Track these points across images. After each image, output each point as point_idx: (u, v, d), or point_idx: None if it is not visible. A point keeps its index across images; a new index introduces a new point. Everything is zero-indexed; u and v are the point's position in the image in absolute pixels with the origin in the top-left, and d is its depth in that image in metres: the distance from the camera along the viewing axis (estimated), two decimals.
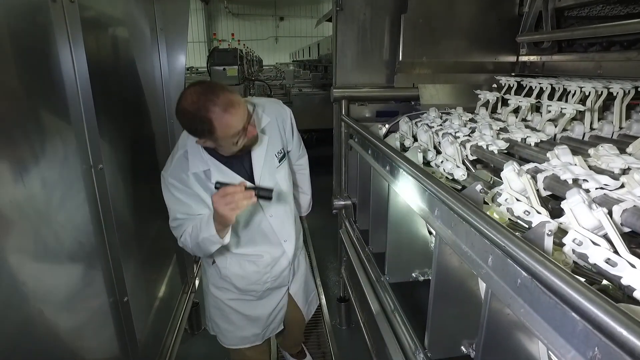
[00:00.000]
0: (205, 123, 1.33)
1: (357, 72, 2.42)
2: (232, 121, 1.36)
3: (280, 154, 1.76)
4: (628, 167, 1.14)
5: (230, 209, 1.35)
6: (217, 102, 1.32)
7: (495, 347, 0.90)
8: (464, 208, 0.90)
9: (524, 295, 0.72)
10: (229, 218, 1.38)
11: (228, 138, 1.40)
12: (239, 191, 1.35)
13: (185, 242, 1.57)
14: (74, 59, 1.14)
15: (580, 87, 1.78)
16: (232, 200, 1.34)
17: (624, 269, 0.79)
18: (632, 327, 0.50)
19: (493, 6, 2.39)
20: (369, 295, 1.78)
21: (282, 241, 1.82)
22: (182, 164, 1.54)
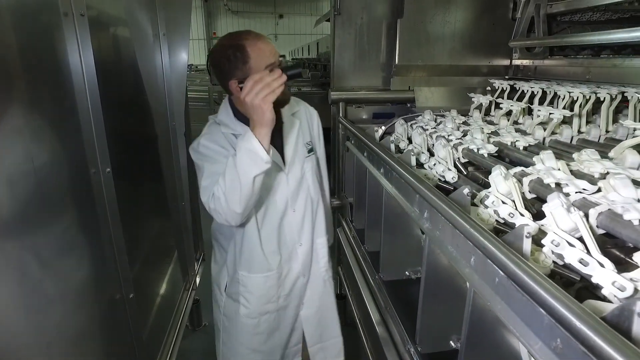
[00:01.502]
0: (238, 51, 1.35)
1: (354, 75, 2.48)
2: (265, 47, 1.39)
3: (309, 145, 1.73)
4: (607, 172, 1.21)
5: (263, 96, 1.27)
6: (250, 33, 1.41)
7: (479, 342, 0.97)
8: (450, 211, 0.96)
9: (501, 293, 0.78)
10: (266, 110, 1.28)
11: (263, 61, 1.38)
12: (267, 75, 1.29)
13: (217, 195, 1.40)
14: (83, 68, 1.20)
15: (569, 92, 1.85)
16: (264, 86, 1.27)
17: (594, 268, 0.85)
18: (585, 320, 0.57)
19: (487, 11, 2.45)
20: (364, 293, 1.85)
21: (298, 245, 1.71)
22: (214, 129, 1.55)
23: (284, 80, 1.31)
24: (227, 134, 1.52)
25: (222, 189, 1.39)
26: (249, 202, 1.42)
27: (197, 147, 1.52)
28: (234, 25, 21.70)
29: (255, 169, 1.34)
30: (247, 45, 1.35)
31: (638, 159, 1.27)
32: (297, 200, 1.66)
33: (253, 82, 1.27)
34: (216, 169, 1.44)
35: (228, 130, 1.52)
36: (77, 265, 1.28)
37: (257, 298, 1.69)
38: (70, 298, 1.24)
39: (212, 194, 1.42)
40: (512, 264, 0.73)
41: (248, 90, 1.28)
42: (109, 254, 1.45)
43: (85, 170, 1.28)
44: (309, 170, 1.70)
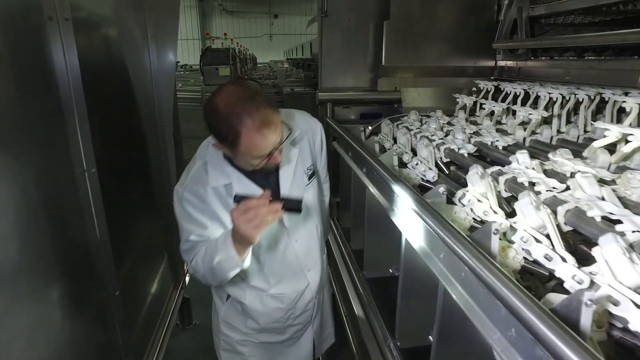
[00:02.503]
0: (231, 132, 1.16)
1: (342, 76, 2.52)
2: (262, 143, 1.19)
3: (310, 170, 1.56)
4: (578, 171, 1.24)
5: (253, 226, 1.17)
6: (254, 116, 1.15)
7: (450, 336, 1.00)
8: (422, 209, 1.00)
9: (467, 287, 0.82)
10: (252, 237, 1.20)
11: (248, 157, 1.24)
12: (263, 204, 1.18)
13: (196, 266, 1.37)
14: (68, 70, 1.22)
15: (549, 93, 1.89)
16: (256, 216, 1.17)
17: (557, 263, 0.89)
18: (534, 310, 0.60)
19: (472, 13, 2.49)
20: (349, 290, 1.88)
21: (306, 270, 1.61)
22: (201, 176, 1.35)
23: (280, 215, 1.23)
24: (217, 187, 1.35)
25: (200, 269, 1.36)
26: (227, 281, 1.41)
27: (181, 199, 1.35)
28: (228, 25, 21.70)
29: (232, 272, 1.33)
30: (242, 133, 1.16)
31: (608, 158, 1.32)
32: (297, 231, 1.55)
33: (246, 209, 1.17)
34: (196, 229, 1.36)
35: (218, 182, 1.35)
36: (61, 263, 1.31)
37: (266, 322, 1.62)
38: (54, 295, 1.27)
39: (191, 260, 1.38)
40: (473, 259, 0.77)
41: (238, 215, 1.18)
42: (95, 252, 1.48)
43: (70, 171, 1.31)
44: (311, 198, 1.57)
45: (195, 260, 1.37)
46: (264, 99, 1.20)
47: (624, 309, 0.71)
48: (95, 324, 1.56)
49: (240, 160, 1.28)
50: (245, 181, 1.37)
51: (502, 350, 0.68)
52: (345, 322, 2.12)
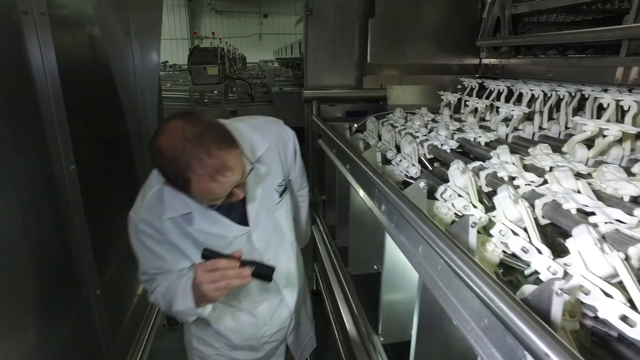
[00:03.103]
0: (180, 179, 1.03)
1: (327, 74, 2.52)
2: (217, 189, 1.06)
3: (281, 186, 1.44)
4: (558, 165, 1.26)
5: (216, 288, 1.10)
6: (205, 162, 1.01)
7: (429, 330, 1.01)
8: (401, 204, 1.00)
9: (443, 279, 0.82)
10: (213, 299, 1.15)
11: (205, 201, 1.14)
12: (232, 267, 1.10)
13: (156, 301, 1.29)
14: (45, 66, 1.21)
15: (531, 90, 1.91)
16: (222, 278, 1.09)
17: (533, 254, 0.90)
18: (507, 301, 0.61)
19: (457, 11, 2.51)
20: (335, 287, 1.88)
21: (282, 287, 1.53)
22: (156, 205, 1.21)
23: (248, 282, 1.13)
24: (175, 218, 1.23)
25: (161, 305, 1.28)
26: None
27: (135, 225, 1.23)
28: (217, 24, 21.60)
29: (190, 319, 1.27)
30: (193, 181, 1.02)
31: (586, 153, 1.33)
32: (269, 251, 1.44)
33: (213, 269, 1.10)
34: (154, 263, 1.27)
35: (175, 212, 1.22)
36: (39, 260, 1.29)
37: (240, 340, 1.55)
38: (31, 294, 1.25)
39: (152, 291, 1.30)
40: (449, 251, 0.77)
41: (203, 274, 1.10)
42: (74, 249, 1.46)
43: (48, 167, 1.29)
44: (283, 215, 1.47)
45: (155, 295, 1.28)
46: (216, 136, 1.04)
47: (594, 297, 0.72)
48: (76, 323, 1.54)
49: (197, 202, 1.18)
50: (207, 212, 1.24)
51: (476, 340, 0.69)
52: (332, 319, 2.12)
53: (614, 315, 0.68)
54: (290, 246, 1.54)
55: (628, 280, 0.69)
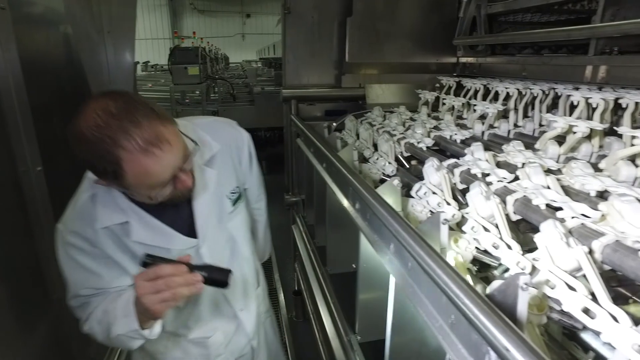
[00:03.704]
0: (109, 163, 0.88)
1: (306, 73, 2.51)
2: (154, 167, 0.90)
3: (234, 193, 1.29)
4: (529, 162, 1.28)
5: (161, 300, 0.92)
6: (134, 134, 0.86)
7: (402, 327, 1.01)
8: (374, 201, 1.00)
9: (413, 277, 0.82)
10: (158, 313, 0.95)
11: (144, 189, 0.95)
12: (178, 274, 0.93)
13: (92, 330, 1.09)
14: (6, 63, 1.17)
15: (506, 88, 1.93)
16: (167, 287, 0.91)
17: (503, 250, 0.91)
18: (471, 297, 0.61)
19: (434, 10, 2.53)
20: (314, 287, 1.88)
21: (238, 310, 1.35)
22: (87, 213, 1.04)
23: (199, 289, 0.95)
24: (111, 228, 1.06)
25: (98, 334, 1.09)
26: None
27: (63, 238, 1.06)
28: (200, 24, 21.38)
29: (136, 343, 1.08)
30: (124, 160, 0.87)
31: (557, 149, 1.36)
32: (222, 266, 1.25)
33: (155, 276, 0.92)
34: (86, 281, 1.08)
35: (110, 220, 1.05)
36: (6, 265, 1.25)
37: None
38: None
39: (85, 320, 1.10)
40: (418, 248, 0.77)
41: (143, 284, 0.93)
42: (43, 254, 1.42)
43: (13, 169, 1.25)
44: (237, 227, 1.32)
45: (90, 322, 1.08)
46: (146, 109, 0.90)
47: (558, 291, 0.72)
48: (47, 329, 1.50)
49: (137, 194, 1.00)
50: (148, 218, 1.08)
51: (444, 337, 0.69)
52: (312, 319, 2.12)
53: (577, 308, 0.68)
54: (246, 262, 1.38)
55: (590, 273, 0.70)
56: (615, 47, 1.52)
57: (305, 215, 2.28)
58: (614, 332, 0.60)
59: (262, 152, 6.73)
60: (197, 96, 7.10)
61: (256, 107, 6.08)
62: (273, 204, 2.19)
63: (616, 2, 1.45)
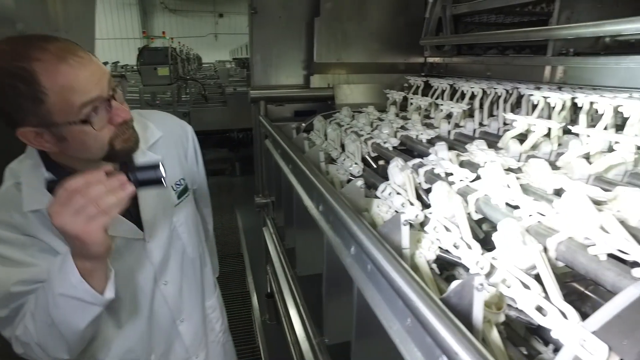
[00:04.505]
0: (24, 82, 0.78)
1: (274, 73, 2.49)
2: (76, 76, 0.81)
3: (179, 185, 1.22)
4: (491, 161, 1.29)
5: (86, 218, 0.75)
6: (49, 46, 0.80)
7: (366, 330, 1.00)
8: (334, 203, 0.99)
9: (372, 279, 0.81)
10: (92, 237, 0.77)
11: (73, 111, 0.83)
12: (97, 181, 0.77)
13: (25, 336, 0.91)
14: None
15: (471, 88, 1.96)
16: (87, 201, 0.75)
17: (463, 250, 0.91)
18: (425, 300, 0.60)
19: (402, 10, 2.55)
20: (284, 290, 1.86)
21: (178, 322, 1.25)
22: (13, 199, 0.93)
23: (130, 192, 0.80)
24: (40, 211, 0.94)
25: (32, 336, 0.90)
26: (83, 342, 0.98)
27: None
28: (171, 24, 21.01)
29: (83, 319, 0.89)
30: (38, 72, 0.78)
31: (519, 147, 1.38)
32: (167, 269, 1.20)
33: (69, 194, 0.75)
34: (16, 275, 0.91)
35: (39, 203, 0.93)
36: None
37: None
38: None
39: (16, 335, 0.93)
40: (376, 251, 0.76)
41: (58, 208, 0.75)
42: None
43: None
44: (183, 223, 1.23)
45: (23, 322, 0.91)
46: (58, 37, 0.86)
47: (514, 289, 0.73)
48: None
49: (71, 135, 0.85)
50: None
51: (401, 340, 0.68)
52: (284, 321, 2.09)
53: (530, 305, 0.69)
54: (191, 265, 1.27)
55: (543, 271, 0.71)
56: (571, 48, 1.57)
57: (275, 217, 2.26)
58: (562, 329, 0.61)
59: (235, 153, 6.70)
60: (167, 97, 6.96)
61: (228, 108, 6.02)
62: (247, 206, 2.16)
63: (570, 6, 1.49)
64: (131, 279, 1.12)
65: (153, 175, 0.86)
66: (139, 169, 0.86)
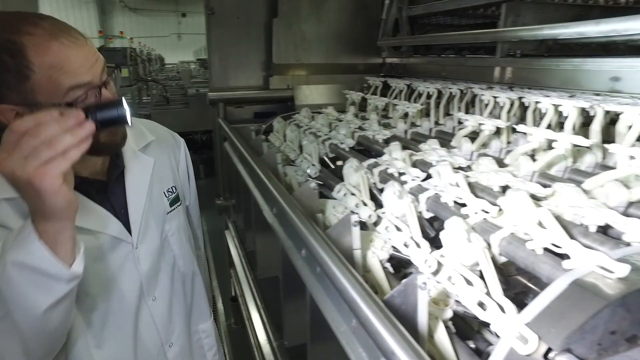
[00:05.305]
0: (10, 54, 0.73)
1: (233, 75, 2.45)
2: (68, 56, 0.77)
3: (171, 193, 1.14)
4: (442, 160, 1.32)
5: (40, 162, 0.64)
6: (41, 23, 0.76)
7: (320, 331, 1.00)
8: (286, 206, 0.98)
9: (321, 282, 0.81)
10: (49, 184, 0.65)
11: (58, 93, 0.77)
12: (51, 120, 0.66)
13: None
14: None
15: (427, 88, 2.01)
16: (41, 142, 0.64)
17: (413, 250, 0.92)
18: (368, 302, 0.61)
19: (359, 11, 2.57)
20: (246, 293, 1.84)
21: (167, 346, 1.12)
22: None
23: (89, 131, 0.69)
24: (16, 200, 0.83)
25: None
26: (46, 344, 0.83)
27: None
28: (132, 23, 20.39)
29: (43, 299, 0.74)
30: (28, 47, 0.73)
31: (470, 146, 1.42)
32: (157, 282, 1.08)
33: (19, 135, 0.64)
34: None
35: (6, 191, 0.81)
36: None
37: None
38: None
39: None
40: (323, 254, 0.76)
41: (11, 151, 0.64)
42: None
43: None
44: (175, 233, 1.14)
45: None
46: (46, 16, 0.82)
47: (457, 286, 0.75)
48: None
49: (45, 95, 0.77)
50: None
51: (347, 342, 0.68)
52: (247, 325, 2.07)
53: (473, 301, 0.71)
54: (181, 279, 1.17)
55: (485, 267, 0.73)
56: (518, 50, 1.63)
57: (236, 220, 2.23)
58: (500, 323, 0.63)
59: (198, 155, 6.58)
60: (127, 99, 6.74)
61: (191, 110, 5.90)
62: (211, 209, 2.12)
63: (516, 10, 1.55)
64: (114, 287, 0.99)
65: (115, 114, 0.74)
66: (99, 107, 0.75)
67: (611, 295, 0.52)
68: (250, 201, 1.62)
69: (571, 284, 0.57)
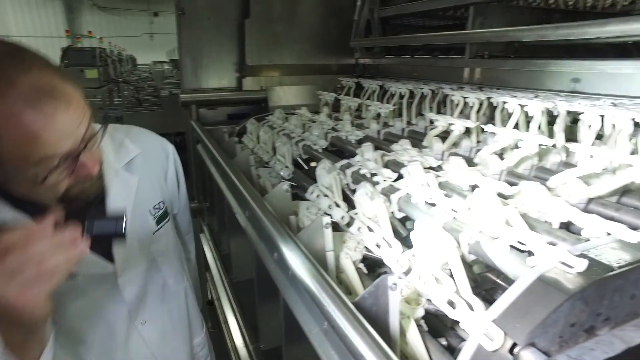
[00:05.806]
0: None
1: (205, 76, 2.42)
2: (43, 125, 0.68)
3: (158, 210, 1.08)
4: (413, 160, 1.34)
5: (22, 283, 0.59)
6: (18, 82, 0.66)
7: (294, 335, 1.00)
8: (257, 209, 0.98)
9: (293, 284, 0.81)
10: (30, 308, 0.61)
11: (27, 163, 0.70)
12: (41, 236, 0.61)
13: None
14: None
15: (399, 88, 2.03)
16: (25, 262, 0.59)
17: (385, 250, 0.93)
18: (338, 305, 0.61)
19: (332, 12, 2.58)
20: (222, 296, 1.82)
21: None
22: None
23: (82, 252, 0.65)
24: None
25: None
26: None
27: None
28: (102, 22, 19.83)
29: None
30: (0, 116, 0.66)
31: (441, 146, 1.44)
32: (144, 306, 1.04)
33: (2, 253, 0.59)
34: None
35: None
36: None
37: None
38: None
39: None
40: (294, 256, 0.76)
41: None
42: None
43: None
44: (163, 252, 1.11)
45: None
46: (37, 56, 0.72)
47: (428, 285, 0.76)
48: None
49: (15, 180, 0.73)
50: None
51: (319, 345, 0.69)
52: (223, 328, 2.05)
53: (442, 300, 0.72)
54: (175, 300, 1.13)
55: (454, 266, 0.75)
56: (486, 51, 1.67)
57: (210, 223, 2.20)
58: (469, 320, 0.64)
59: None
60: (98, 101, 6.57)
61: (164, 112, 5.79)
62: None
63: (483, 13, 1.59)
64: (100, 317, 0.96)
65: (113, 229, 0.72)
66: (99, 219, 0.73)
67: (571, 290, 0.54)
68: (223, 204, 1.60)
69: (535, 280, 0.59)
